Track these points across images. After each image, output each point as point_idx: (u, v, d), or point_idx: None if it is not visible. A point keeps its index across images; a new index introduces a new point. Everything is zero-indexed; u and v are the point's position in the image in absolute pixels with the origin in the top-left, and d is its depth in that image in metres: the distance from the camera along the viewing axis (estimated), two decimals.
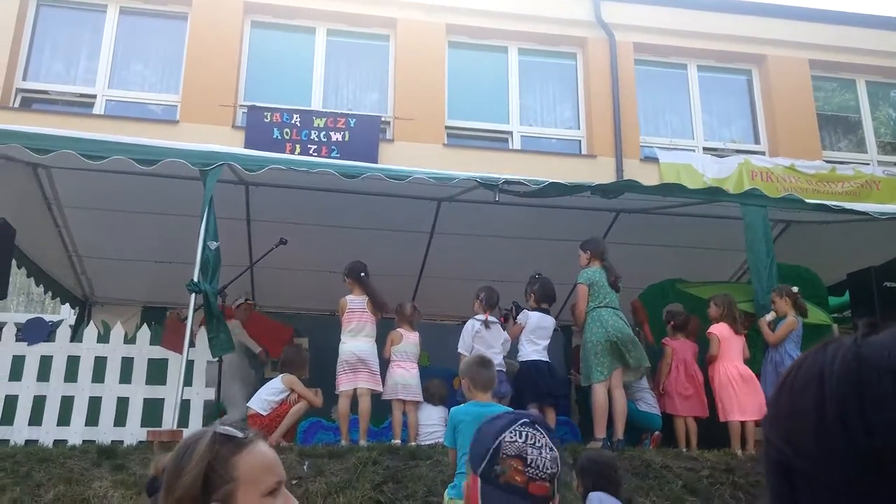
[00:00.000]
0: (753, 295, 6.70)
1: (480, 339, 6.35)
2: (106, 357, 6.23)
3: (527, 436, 1.61)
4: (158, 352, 6.32)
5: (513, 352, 6.53)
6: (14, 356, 6.11)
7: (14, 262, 7.21)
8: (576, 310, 6.38)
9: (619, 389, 6.11)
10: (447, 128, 10.95)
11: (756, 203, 6.82)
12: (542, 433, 1.65)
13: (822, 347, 0.74)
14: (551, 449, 1.62)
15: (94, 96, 10.39)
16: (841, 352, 0.71)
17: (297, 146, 9.87)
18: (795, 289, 6.40)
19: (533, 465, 1.57)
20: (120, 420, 6.07)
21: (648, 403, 6.77)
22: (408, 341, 6.44)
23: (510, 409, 4.59)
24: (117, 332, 6.38)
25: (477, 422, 4.24)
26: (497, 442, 1.60)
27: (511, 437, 1.60)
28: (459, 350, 6.41)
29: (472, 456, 1.65)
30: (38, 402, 6.02)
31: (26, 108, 10.15)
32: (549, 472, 1.59)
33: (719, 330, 6.43)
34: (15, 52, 10.19)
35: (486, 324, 6.33)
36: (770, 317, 6.33)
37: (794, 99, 11.87)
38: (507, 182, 6.43)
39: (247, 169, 6.28)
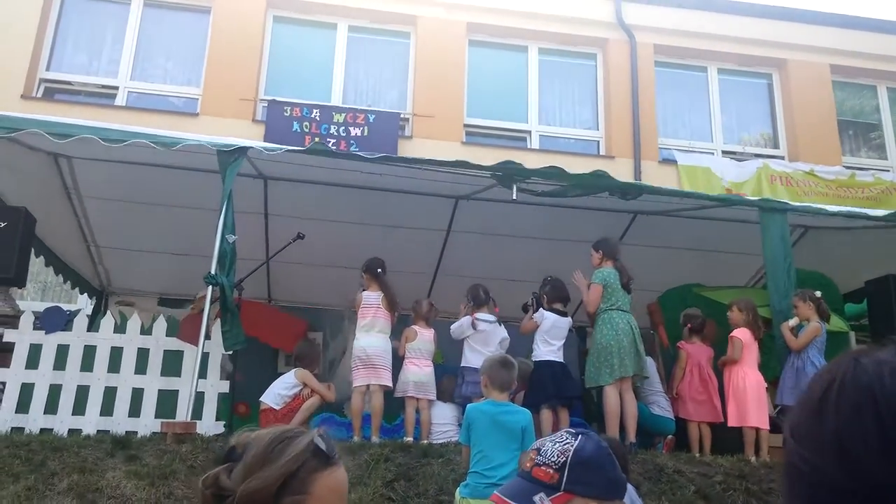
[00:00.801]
0: (769, 300, 6.65)
1: (479, 337, 6.35)
2: (122, 348, 6.27)
3: (557, 435, 1.72)
4: (174, 343, 6.35)
5: (527, 351, 6.51)
6: (31, 344, 6.16)
7: (32, 250, 7.27)
8: (588, 306, 6.38)
9: (629, 393, 6.11)
10: (466, 126, 10.94)
11: (775, 208, 6.76)
12: (573, 437, 1.71)
13: (852, 362, 0.72)
14: (568, 444, 1.68)
15: (117, 88, 10.46)
16: (886, 369, 0.69)
17: (317, 140, 9.89)
18: (819, 293, 6.33)
19: (543, 454, 1.67)
20: (134, 411, 6.11)
21: (662, 407, 6.74)
22: (422, 339, 6.43)
23: (525, 410, 4.60)
24: (134, 322, 6.42)
25: (491, 420, 4.27)
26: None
27: (542, 438, 1.73)
28: (451, 328, 6.54)
29: None
30: (54, 391, 6.07)
31: (49, 99, 10.24)
32: (554, 460, 1.66)
33: (743, 334, 6.38)
34: (39, 42, 10.28)
35: (474, 324, 6.34)
36: (793, 322, 6.27)
37: (815, 104, 11.76)
38: (522, 171, 6.39)
39: (267, 150, 6.25)
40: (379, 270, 6.41)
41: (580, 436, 1.72)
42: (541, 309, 6.45)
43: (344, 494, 1.48)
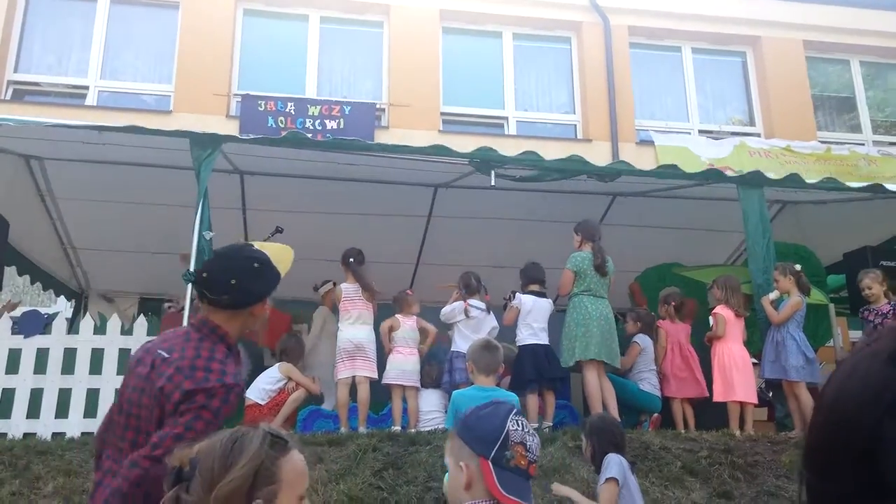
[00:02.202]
0: (750, 276, 6.70)
1: (470, 325, 6.36)
2: (103, 349, 6.20)
3: (522, 424, 1.82)
4: None
5: (511, 336, 6.52)
6: (10, 349, 6.08)
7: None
8: (560, 290, 6.45)
9: (603, 378, 6.14)
10: (443, 114, 10.91)
11: (753, 183, 6.80)
12: (526, 421, 1.87)
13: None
14: (536, 436, 1.85)
15: (87, 87, 10.32)
16: None
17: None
18: (798, 267, 6.39)
19: (530, 450, 1.79)
20: None
21: (651, 384, 6.76)
22: (405, 327, 6.44)
23: (512, 395, 4.61)
24: (114, 323, 6.36)
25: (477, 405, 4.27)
26: (506, 430, 1.78)
27: (514, 427, 1.80)
28: (442, 311, 6.56)
29: (478, 440, 1.79)
30: (36, 395, 6.00)
31: (18, 100, 10.08)
32: (537, 456, 1.83)
33: (724, 311, 6.44)
34: (5, 43, 10.11)
35: (466, 311, 6.35)
36: (773, 295, 6.32)
37: (789, 80, 11.83)
38: (500, 158, 6.40)
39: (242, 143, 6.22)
40: (351, 260, 6.38)
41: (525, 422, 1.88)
42: (517, 294, 6.46)
43: (306, 473, 1.54)
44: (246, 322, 2.40)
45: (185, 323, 5.79)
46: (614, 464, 3.64)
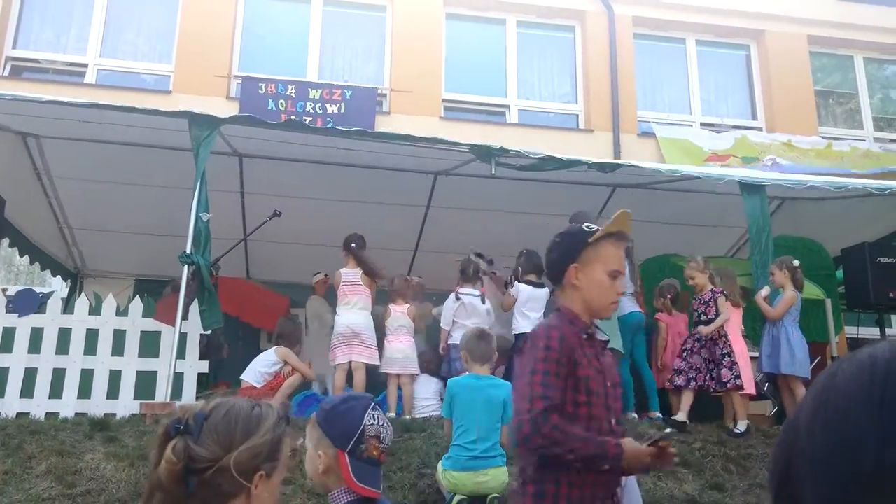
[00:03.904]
0: (750, 269, 6.69)
1: (462, 313, 6.36)
2: (98, 329, 6.18)
3: (378, 418, 2.03)
4: (151, 324, 6.27)
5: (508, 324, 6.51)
6: (4, 328, 6.05)
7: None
8: None
9: None
10: (444, 101, 10.84)
11: (754, 183, 6.77)
12: (383, 413, 2.08)
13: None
14: (390, 426, 2.07)
15: (86, 65, 10.23)
16: None
17: (293, 118, 9.75)
18: (797, 262, 6.36)
19: (384, 441, 2.01)
20: (112, 393, 6.03)
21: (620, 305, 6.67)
22: (395, 315, 6.44)
23: (506, 383, 4.59)
24: (109, 303, 6.32)
25: (473, 394, 4.26)
26: (362, 425, 1.98)
27: (370, 421, 2.00)
28: (441, 325, 6.53)
29: (336, 433, 1.98)
30: (30, 375, 5.98)
31: (16, 77, 10.00)
32: (389, 444, 2.06)
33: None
34: (4, 19, 10.02)
35: (457, 296, 6.33)
36: (765, 292, 6.30)
37: (792, 75, 11.77)
38: (503, 149, 6.38)
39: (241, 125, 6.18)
40: (353, 245, 6.36)
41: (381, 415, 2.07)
42: (515, 283, 6.45)
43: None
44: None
45: (180, 304, 5.77)
46: None
